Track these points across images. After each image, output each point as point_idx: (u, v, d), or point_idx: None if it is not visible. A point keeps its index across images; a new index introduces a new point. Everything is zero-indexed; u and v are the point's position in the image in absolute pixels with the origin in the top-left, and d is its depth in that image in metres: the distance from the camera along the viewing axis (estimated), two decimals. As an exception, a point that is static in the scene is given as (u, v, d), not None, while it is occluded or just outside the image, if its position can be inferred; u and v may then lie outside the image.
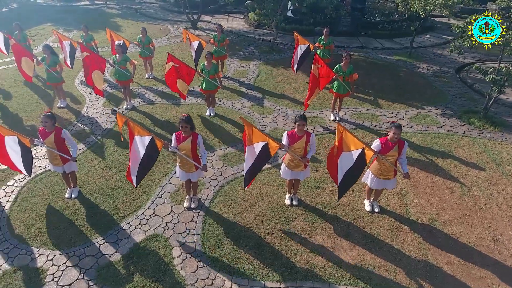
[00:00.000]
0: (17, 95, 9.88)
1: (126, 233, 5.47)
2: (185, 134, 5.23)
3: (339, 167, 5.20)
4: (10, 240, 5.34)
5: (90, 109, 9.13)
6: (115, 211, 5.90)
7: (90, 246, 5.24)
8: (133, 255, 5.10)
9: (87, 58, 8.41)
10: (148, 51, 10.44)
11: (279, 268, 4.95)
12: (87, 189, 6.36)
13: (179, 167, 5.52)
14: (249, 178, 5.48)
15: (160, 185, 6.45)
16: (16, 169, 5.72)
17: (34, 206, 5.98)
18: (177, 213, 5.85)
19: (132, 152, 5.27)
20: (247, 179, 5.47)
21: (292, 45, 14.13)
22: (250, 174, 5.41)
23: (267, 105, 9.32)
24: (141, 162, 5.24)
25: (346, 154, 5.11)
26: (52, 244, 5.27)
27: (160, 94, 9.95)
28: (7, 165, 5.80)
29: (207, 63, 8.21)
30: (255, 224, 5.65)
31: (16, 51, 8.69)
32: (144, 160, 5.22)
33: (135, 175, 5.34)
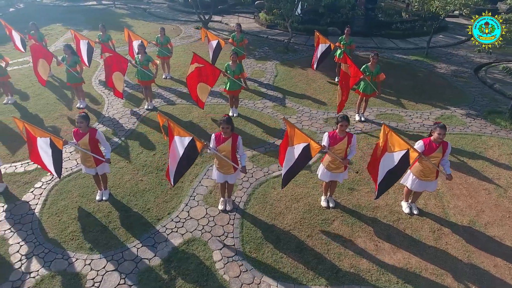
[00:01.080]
0: (34, 96, 9.72)
1: (163, 236, 5.34)
2: (225, 135, 5.11)
3: (381, 167, 5.09)
4: (45, 244, 5.19)
5: (110, 110, 8.99)
6: (149, 213, 5.77)
7: (128, 250, 5.10)
8: (173, 259, 4.96)
9: (109, 58, 8.27)
10: (166, 51, 10.31)
11: (324, 272, 4.84)
12: (117, 192, 6.23)
13: (217, 169, 5.39)
14: (288, 179, 5.37)
15: (192, 187, 6.32)
16: (47, 169, 5.61)
17: (65, 209, 5.84)
18: (212, 215, 5.73)
19: (172, 152, 5.18)
20: (285, 180, 5.37)
21: (306, 45, 14.13)
22: (289, 175, 5.31)
23: (290, 106, 9.21)
24: (179, 162, 5.16)
25: (389, 154, 5.00)
26: (88, 248, 5.13)
27: (180, 95, 9.82)
28: (39, 164, 5.70)
29: (232, 63, 8.09)
30: (293, 227, 5.53)
31: (34, 52, 8.53)
32: (183, 160, 5.14)
33: (173, 175, 5.26)
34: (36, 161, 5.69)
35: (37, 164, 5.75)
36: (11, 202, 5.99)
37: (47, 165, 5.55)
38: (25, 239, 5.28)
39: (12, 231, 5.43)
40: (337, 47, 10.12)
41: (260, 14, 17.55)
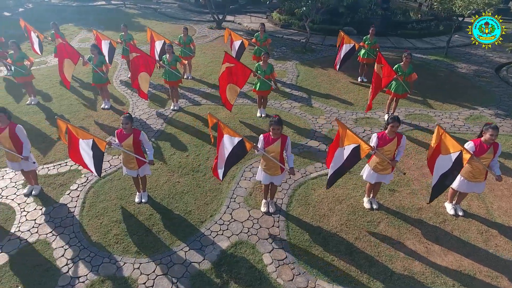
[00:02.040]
0: (57, 96, 9.60)
1: (209, 239, 5.24)
2: (274, 136, 5.02)
3: (435, 170, 5.02)
4: (90, 248, 5.09)
5: (136, 111, 8.88)
6: (191, 216, 5.67)
7: (175, 254, 5.00)
8: (223, 263, 4.87)
9: (136, 59, 8.15)
10: (188, 51, 10.21)
11: (377, 275, 4.76)
12: (156, 194, 6.13)
13: (264, 170, 5.30)
14: (334, 180, 5.31)
15: (231, 189, 6.23)
16: (88, 168, 5.53)
17: (104, 212, 5.74)
18: (256, 218, 5.64)
19: (220, 149, 5.20)
20: (331, 181, 5.31)
21: (323, 45, 14.07)
22: (335, 176, 5.25)
23: (316, 106, 9.13)
24: (227, 158, 5.18)
25: (443, 157, 4.93)
26: (135, 252, 5.03)
27: (204, 95, 9.72)
28: (79, 163, 5.61)
29: (263, 63, 8.00)
30: (340, 229, 5.45)
31: (60, 51, 8.42)
32: (231, 158, 5.18)
33: (222, 170, 5.31)
34: (76, 160, 5.61)
35: (77, 163, 5.66)
36: (49, 205, 5.89)
37: (88, 164, 5.47)
38: (69, 242, 5.18)
39: (53, 234, 5.32)
40: (361, 47, 10.06)
41: (273, 14, 17.47)
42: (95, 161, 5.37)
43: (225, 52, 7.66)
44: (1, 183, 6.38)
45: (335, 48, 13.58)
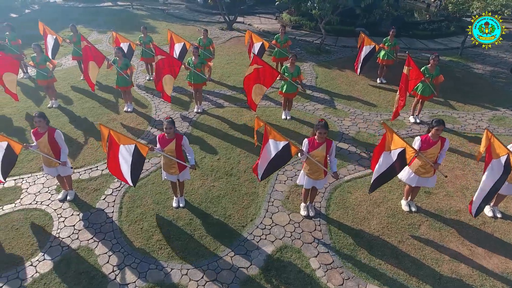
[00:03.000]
0: (78, 99, 9.52)
1: (253, 244, 5.22)
2: (320, 140, 5.01)
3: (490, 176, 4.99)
4: (134, 254, 5.05)
5: (159, 113, 8.83)
6: (231, 220, 5.64)
7: (222, 259, 4.98)
8: (271, 268, 4.85)
9: (161, 61, 8.10)
10: (208, 53, 10.16)
11: (426, 278, 4.76)
12: (192, 198, 6.09)
13: (307, 174, 5.29)
14: (378, 185, 5.30)
15: (267, 192, 6.21)
16: (123, 179, 5.44)
17: (143, 217, 5.70)
18: (297, 221, 5.62)
19: (264, 151, 5.21)
20: (375, 185, 5.30)
21: (336, 46, 14.08)
22: (379, 180, 5.24)
23: (340, 108, 9.13)
24: (270, 161, 5.20)
25: (496, 161, 4.92)
26: (180, 258, 4.99)
27: (225, 97, 9.68)
28: (114, 174, 5.54)
29: (290, 65, 7.98)
30: (381, 232, 5.45)
31: (85, 54, 8.34)
32: (274, 161, 5.18)
33: (262, 171, 5.32)
34: (113, 171, 5.52)
35: (113, 174, 5.58)
36: (86, 210, 5.83)
37: (124, 173, 5.40)
38: (112, 248, 5.13)
39: (95, 240, 5.27)
40: (381, 48, 10.08)
41: (283, 15, 17.46)
42: (133, 168, 5.29)
43: (254, 55, 7.66)
44: (34, 189, 6.32)
45: (349, 49, 13.75)
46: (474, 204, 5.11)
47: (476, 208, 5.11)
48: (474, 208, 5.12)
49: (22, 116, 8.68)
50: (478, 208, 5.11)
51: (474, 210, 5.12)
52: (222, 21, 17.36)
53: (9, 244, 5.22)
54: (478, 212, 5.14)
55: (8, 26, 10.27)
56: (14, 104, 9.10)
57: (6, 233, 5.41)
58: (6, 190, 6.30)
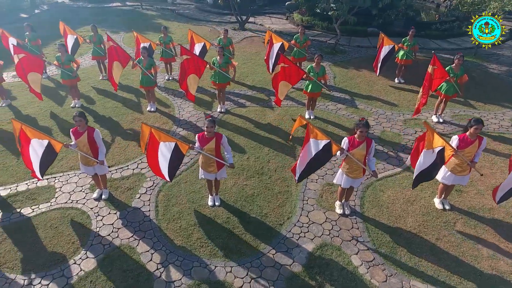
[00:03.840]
0: (99, 99, 9.55)
1: (293, 242, 5.27)
2: (360, 139, 5.06)
3: None
4: (176, 252, 5.09)
5: (183, 113, 8.87)
6: (268, 218, 5.69)
7: (264, 256, 5.03)
8: (313, 265, 4.90)
9: (186, 61, 8.13)
10: (228, 53, 10.20)
11: (467, 275, 4.81)
12: (226, 197, 6.14)
13: (346, 173, 5.34)
14: (420, 181, 5.38)
15: (300, 191, 6.26)
16: (160, 174, 5.52)
17: (180, 215, 5.74)
18: (333, 220, 5.68)
19: (304, 152, 5.23)
20: (416, 181, 5.38)
21: (350, 46, 14.14)
22: (420, 177, 5.33)
23: (362, 107, 9.19)
24: (309, 162, 5.22)
25: None
26: (222, 256, 5.04)
27: (246, 97, 9.73)
28: (153, 169, 5.60)
29: (315, 65, 8.03)
30: (418, 230, 5.50)
31: (110, 54, 8.37)
32: (313, 161, 5.20)
33: (301, 171, 5.33)
34: (152, 167, 5.59)
35: (152, 169, 5.64)
36: (122, 209, 5.87)
37: (162, 169, 5.46)
38: (153, 247, 5.17)
39: (135, 238, 5.31)
40: (400, 48, 10.14)
41: (294, 15, 17.51)
42: (171, 165, 5.37)
43: (281, 54, 7.71)
44: (68, 187, 6.35)
45: (364, 49, 13.82)
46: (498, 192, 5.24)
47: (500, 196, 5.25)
48: (498, 196, 5.26)
49: (46, 115, 8.70)
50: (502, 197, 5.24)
51: (497, 197, 5.26)
52: (233, 21, 17.41)
53: (49, 243, 5.25)
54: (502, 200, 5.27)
55: (28, 26, 10.29)
56: (37, 104, 9.13)
57: (45, 231, 5.45)
58: (40, 189, 6.33)
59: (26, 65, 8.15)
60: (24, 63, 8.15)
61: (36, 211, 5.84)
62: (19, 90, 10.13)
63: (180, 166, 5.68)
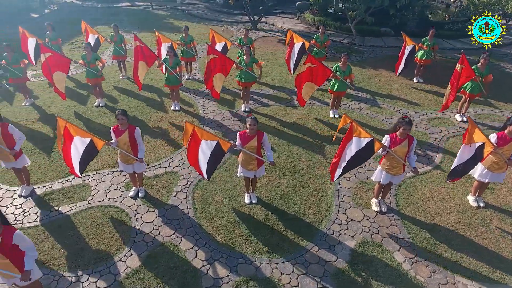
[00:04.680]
0: (121, 98, 9.58)
1: (334, 238, 5.32)
2: (402, 137, 5.11)
3: None
4: (220, 249, 5.13)
5: (207, 112, 8.91)
6: (307, 216, 5.74)
7: (308, 253, 5.08)
8: (357, 262, 4.95)
9: (213, 60, 8.19)
10: (248, 53, 10.27)
11: (510, 270, 4.87)
12: (262, 195, 6.18)
13: (386, 170, 5.39)
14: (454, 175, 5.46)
15: (334, 189, 6.31)
16: (199, 171, 5.58)
17: (219, 213, 5.78)
18: (371, 217, 5.73)
19: (344, 149, 5.30)
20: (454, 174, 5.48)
21: (364, 46, 14.24)
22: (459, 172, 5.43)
23: (384, 106, 9.26)
24: (350, 159, 5.28)
25: None
26: (266, 252, 5.08)
27: (268, 96, 9.78)
28: (195, 167, 5.66)
29: (342, 64, 8.10)
30: (456, 227, 5.56)
31: (136, 54, 8.40)
32: (355, 158, 5.26)
33: (341, 170, 5.42)
34: (193, 164, 5.65)
35: (193, 166, 5.69)
36: (160, 207, 5.90)
37: (201, 166, 5.52)
38: (196, 244, 5.21)
39: (177, 236, 5.34)
40: (420, 48, 10.22)
41: (305, 15, 17.58)
42: (209, 162, 5.42)
43: (309, 53, 7.77)
44: (102, 186, 6.38)
45: (379, 49, 13.92)
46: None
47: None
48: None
49: (71, 114, 8.72)
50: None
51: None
52: (244, 21, 17.48)
53: (92, 240, 5.29)
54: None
55: (50, 26, 10.32)
56: (60, 103, 9.14)
57: (86, 229, 5.48)
58: (75, 187, 6.36)
59: (52, 64, 8.17)
60: (50, 62, 8.18)
61: (74, 209, 5.87)
62: (40, 89, 10.16)
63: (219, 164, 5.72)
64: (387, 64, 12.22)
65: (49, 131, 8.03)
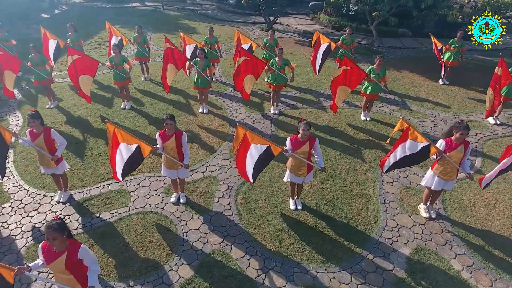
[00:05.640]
0: (147, 101, 9.43)
1: (387, 246, 5.20)
2: (458, 142, 5.01)
3: None
4: (272, 257, 4.99)
5: (236, 115, 8.78)
6: (355, 222, 5.62)
7: (363, 261, 4.95)
8: (415, 270, 4.83)
9: (245, 62, 8.06)
10: (273, 54, 10.13)
11: None
12: (306, 200, 6.05)
13: (440, 175, 5.27)
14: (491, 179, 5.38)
15: (379, 194, 6.20)
16: (245, 176, 5.48)
17: (265, 220, 5.64)
18: (421, 223, 5.61)
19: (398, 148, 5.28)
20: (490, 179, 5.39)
21: (383, 47, 14.14)
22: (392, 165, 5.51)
23: (415, 109, 9.15)
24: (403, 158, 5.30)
25: None
26: (320, 261, 4.96)
27: (295, 99, 9.66)
28: (239, 171, 5.56)
29: (376, 67, 7.99)
30: (509, 233, 5.44)
31: (165, 56, 8.25)
32: (408, 158, 5.28)
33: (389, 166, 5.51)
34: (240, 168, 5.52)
35: (239, 172, 5.56)
36: (204, 213, 5.76)
37: (248, 171, 5.40)
38: (247, 252, 5.08)
39: (226, 244, 5.21)
40: (447, 50, 10.13)
41: (320, 15, 17.47)
42: (256, 166, 5.31)
43: (345, 56, 7.65)
44: (141, 191, 6.23)
45: (398, 50, 13.85)
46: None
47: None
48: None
49: (97, 118, 8.57)
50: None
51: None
52: (258, 22, 17.36)
53: (139, 249, 5.14)
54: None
55: (72, 27, 10.15)
56: (85, 106, 8.99)
57: (131, 237, 5.33)
58: (113, 193, 6.22)
59: (79, 67, 8.01)
60: (77, 65, 8.02)
61: (116, 215, 5.73)
62: (62, 91, 10.00)
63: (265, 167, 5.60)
64: (409, 65, 12.15)
65: (78, 134, 7.88)
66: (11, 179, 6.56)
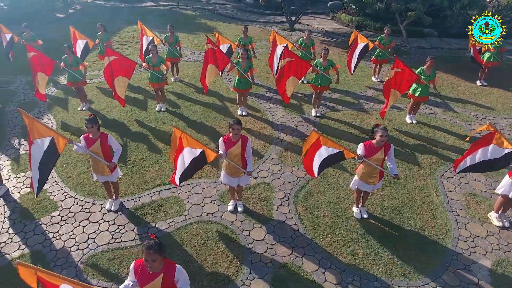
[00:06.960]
0: (181, 102, 9.14)
1: (466, 258, 4.90)
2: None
3: None
4: (348, 270, 4.70)
5: (276, 117, 8.49)
6: (426, 232, 5.32)
7: (445, 274, 4.67)
8: (501, 284, 4.55)
9: (288, 63, 7.76)
10: (309, 54, 9.88)
11: None
12: (369, 208, 5.75)
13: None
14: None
15: (444, 201, 5.89)
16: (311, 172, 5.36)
17: (331, 229, 5.34)
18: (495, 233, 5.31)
19: (479, 149, 5.15)
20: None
21: (411, 47, 13.89)
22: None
23: (459, 111, 8.89)
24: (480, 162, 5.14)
25: None
26: (400, 274, 4.66)
27: (334, 100, 9.39)
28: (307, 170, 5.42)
29: (427, 68, 7.74)
30: None
31: (206, 57, 7.95)
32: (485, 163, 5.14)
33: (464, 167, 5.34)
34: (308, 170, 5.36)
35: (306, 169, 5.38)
36: (266, 223, 5.44)
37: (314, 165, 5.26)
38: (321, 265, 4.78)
39: (296, 256, 4.91)
40: (486, 50, 9.88)
41: (341, 15, 17.20)
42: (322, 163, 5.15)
43: (396, 57, 7.38)
44: (195, 199, 5.93)
45: (427, 51, 13.56)
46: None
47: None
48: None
49: (133, 121, 8.26)
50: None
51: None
52: (278, 22, 17.08)
53: (205, 261, 4.85)
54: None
55: (102, 26, 9.84)
56: (119, 108, 8.67)
57: (193, 249, 5.04)
58: (165, 200, 5.92)
59: (116, 69, 7.69)
60: (114, 66, 7.70)
61: (172, 225, 5.43)
62: (91, 92, 9.69)
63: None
64: (441, 65, 11.86)
65: (117, 138, 7.56)
66: (54, 185, 6.26)
